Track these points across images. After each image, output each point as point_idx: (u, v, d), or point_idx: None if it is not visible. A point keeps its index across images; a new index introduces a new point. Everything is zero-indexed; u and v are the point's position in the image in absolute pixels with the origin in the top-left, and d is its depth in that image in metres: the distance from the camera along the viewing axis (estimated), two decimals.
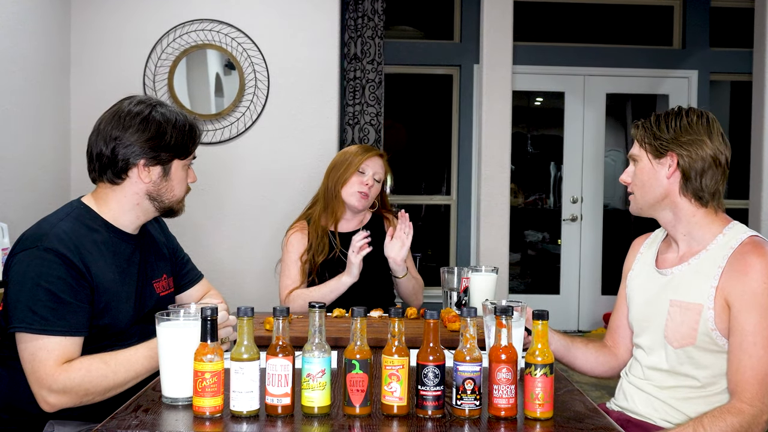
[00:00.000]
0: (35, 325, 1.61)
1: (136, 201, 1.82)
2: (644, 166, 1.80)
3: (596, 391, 4.42)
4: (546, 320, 1.37)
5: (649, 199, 1.81)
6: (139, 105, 1.80)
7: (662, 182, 1.77)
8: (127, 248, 1.85)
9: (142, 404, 1.41)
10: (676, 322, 1.74)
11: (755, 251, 1.68)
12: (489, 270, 2.35)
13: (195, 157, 1.92)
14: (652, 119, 1.81)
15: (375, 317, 2.28)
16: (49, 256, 1.65)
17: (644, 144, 1.80)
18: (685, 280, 1.76)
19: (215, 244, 4.23)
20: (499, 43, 4.82)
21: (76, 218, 1.77)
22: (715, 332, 1.69)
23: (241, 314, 1.34)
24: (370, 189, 2.67)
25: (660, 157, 1.77)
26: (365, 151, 2.71)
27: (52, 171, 3.96)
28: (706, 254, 1.75)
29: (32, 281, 1.64)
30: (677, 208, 1.78)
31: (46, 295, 1.63)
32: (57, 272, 1.65)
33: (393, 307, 1.34)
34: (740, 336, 1.65)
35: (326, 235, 2.69)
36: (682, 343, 1.73)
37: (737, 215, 2.01)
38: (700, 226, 1.78)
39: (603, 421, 1.35)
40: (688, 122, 1.76)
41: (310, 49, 4.29)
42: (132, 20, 4.21)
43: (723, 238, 1.74)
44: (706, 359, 1.72)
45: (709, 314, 1.69)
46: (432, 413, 1.33)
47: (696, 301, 1.72)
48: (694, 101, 5.96)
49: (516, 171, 6.23)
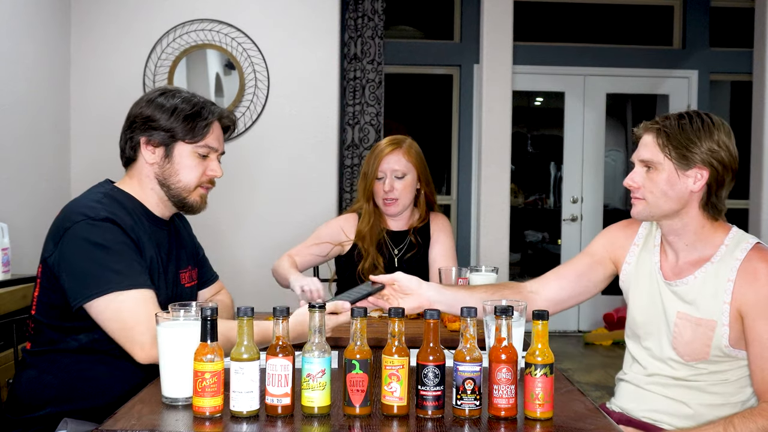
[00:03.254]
0: (123, 284, 1.62)
1: (150, 185, 1.84)
2: (666, 176, 1.68)
3: (596, 391, 4.42)
4: (546, 320, 1.37)
5: (666, 209, 1.71)
6: (156, 90, 1.86)
7: (684, 194, 1.69)
8: (159, 232, 1.87)
9: (142, 404, 1.41)
10: (686, 338, 1.72)
11: (762, 258, 1.67)
12: (489, 270, 2.34)
13: (218, 150, 1.87)
14: (673, 124, 1.69)
15: (375, 317, 2.28)
16: (106, 224, 1.68)
17: (669, 152, 1.67)
18: (692, 294, 1.73)
19: (215, 243, 4.22)
20: (499, 43, 4.82)
21: (113, 198, 1.79)
22: (729, 348, 1.68)
23: (241, 314, 1.33)
24: (393, 191, 2.58)
25: (687, 169, 1.67)
26: (379, 152, 2.61)
27: (52, 171, 3.96)
28: (712, 267, 1.72)
29: (100, 247, 1.65)
30: (689, 217, 1.72)
31: (118, 256, 1.66)
32: (119, 237, 1.68)
33: (393, 307, 1.34)
34: (759, 345, 1.64)
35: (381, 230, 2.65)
36: (694, 357, 1.72)
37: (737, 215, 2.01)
38: (705, 237, 1.74)
39: (603, 421, 1.35)
40: (715, 130, 1.67)
41: (310, 49, 4.29)
42: (132, 20, 4.21)
43: (726, 249, 1.72)
44: (719, 368, 1.72)
45: (723, 331, 1.68)
46: (432, 413, 1.32)
47: (708, 317, 1.69)
48: (694, 101, 5.96)
49: (516, 171, 6.23)
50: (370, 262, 2.57)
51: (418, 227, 2.68)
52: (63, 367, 1.74)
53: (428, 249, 2.67)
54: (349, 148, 4.81)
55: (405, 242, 2.66)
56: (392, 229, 2.68)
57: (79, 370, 1.74)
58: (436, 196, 2.74)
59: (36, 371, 1.75)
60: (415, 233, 2.67)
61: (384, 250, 2.63)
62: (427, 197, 2.70)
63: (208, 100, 1.88)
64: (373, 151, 2.65)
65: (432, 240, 2.68)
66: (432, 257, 2.66)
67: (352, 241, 2.64)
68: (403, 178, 2.59)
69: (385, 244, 2.64)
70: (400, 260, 2.64)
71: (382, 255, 2.60)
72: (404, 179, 2.60)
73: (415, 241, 2.65)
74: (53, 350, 1.75)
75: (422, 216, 2.70)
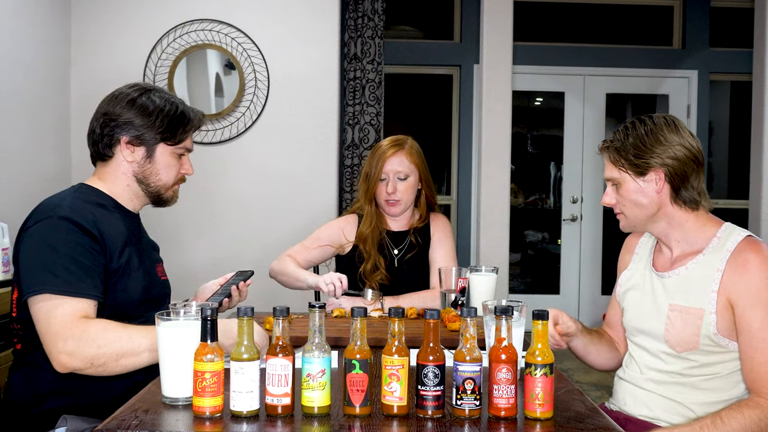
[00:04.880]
0: (58, 287, 1.61)
1: (126, 182, 1.88)
2: (630, 188, 1.76)
3: (596, 391, 4.42)
4: (546, 320, 1.37)
5: (643, 217, 1.78)
6: (132, 87, 1.89)
7: (652, 197, 1.75)
8: (132, 225, 1.90)
9: (142, 404, 1.41)
10: (677, 328, 1.74)
11: (752, 248, 1.69)
12: (489, 270, 2.34)
13: (191, 150, 1.95)
14: (619, 137, 1.76)
15: (375, 317, 2.28)
16: (63, 223, 1.69)
17: (622, 166, 1.75)
18: (683, 285, 1.76)
19: (215, 243, 4.23)
20: (499, 43, 4.82)
21: (83, 194, 1.82)
22: (718, 336, 1.70)
23: (241, 314, 1.33)
24: (396, 192, 2.58)
25: (643, 175, 1.74)
26: (381, 154, 2.61)
27: (52, 171, 3.96)
28: (703, 258, 1.74)
29: (50, 247, 1.66)
30: (670, 217, 1.77)
31: (66, 259, 1.65)
32: (75, 238, 1.68)
33: (393, 307, 1.34)
34: (749, 335, 1.65)
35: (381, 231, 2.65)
36: (685, 348, 1.73)
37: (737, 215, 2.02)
38: (694, 231, 1.78)
39: (603, 421, 1.35)
40: (658, 131, 1.73)
41: (310, 49, 4.29)
42: (132, 20, 4.21)
43: (718, 241, 1.74)
44: (710, 359, 1.73)
45: (711, 319, 1.69)
46: (432, 413, 1.32)
47: (697, 305, 1.72)
48: (694, 101, 5.96)
49: (516, 171, 6.23)
50: (371, 264, 2.57)
51: (418, 227, 2.68)
52: None
53: (428, 249, 2.67)
54: (349, 148, 4.81)
55: (405, 243, 2.66)
56: (392, 229, 2.68)
57: None
58: (436, 196, 2.74)
59: (30, 368, 1.75)
60: (415, 233, 2.67)
61: (384, 251, 2.63)
62: (428, 197, 2.70)
63: (183, 101, 1.95)
64: (375, 152, 2.64)
65: (432, 240, 2.68)
66: (432, 257, 2.66)
67: (353, 243, 2.64)
68: (405, 179, 2.60)
69: (385, 245, 2.64)
70: (401, 261, 2.64)
71: (382, 256, 2.60)
72: (407, 180, 2.61)
73: (415, 242, 2.65)
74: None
75: (422, 216, 2.70)
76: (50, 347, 1.60)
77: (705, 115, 6.03)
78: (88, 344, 1.57)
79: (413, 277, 2.62)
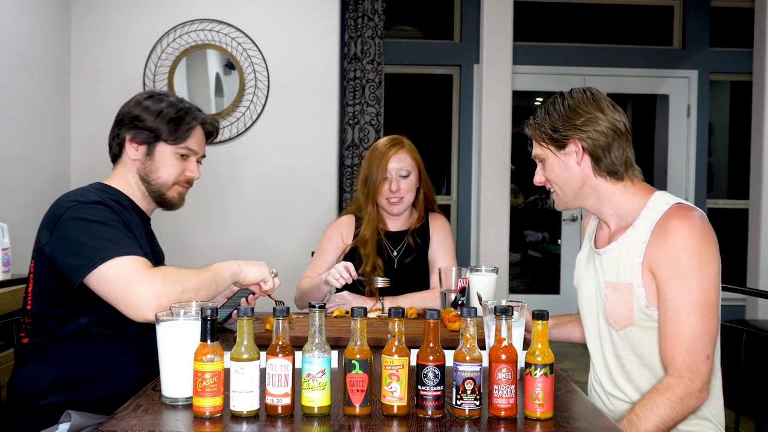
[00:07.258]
0: (122, 250, 1.68)
1: (133, 180, 1.95)
2: (552, 162, 1.79)
3: None
4: (546, 320, 1.37)
5: (570, 191, 1.79)
6: (145, 93, 2.00)
7: (575, 170, 1.76)
8: (146, 225, 1.99)
9: (142, 404, 1.41)
10: (613, 305, 1.74)
11: (678, 215, 1.65)
12: (489, 270, 2.34)
13: (198, 154, 2.00)
14: (539, 114, 1.80)
15: (375, 317, 2.28)
16: (98, 206, 1.77)
17: (543, 141, 1.79)
18: (614, 260, 1.75)
19: (215, 242, 4.23)
20: (499, 43, 4.82)
21: (103, 191, 1.89)
22: (650, 308, 1.68)
23: (241, 314, 1.33)
24: (399, 191, 2.58)
25: (563, 148, 1.75)
26: (383, 154, 2.60)
27: (52, 171, 3.96)
28: (633, 231, 1.73)
29: (99, 222, 1.73)
30: (597, 190, 1.76)
31: (117, 230, 1.74)
32: (112, 216, 1.77)
33: (393, 307, 1.34)
34: (665, 305, 1.63)
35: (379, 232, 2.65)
36: (622, 324, 1.72)
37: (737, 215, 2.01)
38: (623, 202, 1.76)
39: (603, 421, 1.35)
40: (575, 103, 1.75)
41: (310, 49, 4.29)
42: (132, 20, 4.21)
43: (648, 212, 1.72)
44: (646, 335, 1.70)
45: (639, 292, 1.68)
46: (432, 413, 1.32)
47: (626, 281, 1.70)
48: (694, 101, 5.96)
49: (516, 171, 6.23)
50: (371, 265, 2.57)
51: (416, 228, 2.67)
52: (62, 353, 1.76)
53: (427, 250, 2.67)
54: (349, 148, 4.81)
55: (403, 243, 2.66)
56: (390, 230, 2.67)
57: (78, 356, 1.76)
58: (434, 196, 2.74)
59: (35, 362, 1.77)
60: (414, 234, 2.66)
61: (383, 252, 2.63)
62: (426, 196, 2.70)
63: (195, 106, 2.01)
64: (374, 152, 2.63)
65: (432, 240, 2.67)
66: (431, 258, 2.66)
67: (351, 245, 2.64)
68: (407, 176, 2.60)
69: (383, 247, 2.64)
70: (400, 262, 2.64)
71: (381, 257, 2.60)
72: (409, 178, 2.61)
73: (413, 242, 2.65)
74: (52, 338, 1.77)
75: (421, 216, 2.69)
76: (135, 298, 1.65)
77: (705, 115, 6.03)
78: (173, 284, 1.68)
79: (412, 277, 2.62)
